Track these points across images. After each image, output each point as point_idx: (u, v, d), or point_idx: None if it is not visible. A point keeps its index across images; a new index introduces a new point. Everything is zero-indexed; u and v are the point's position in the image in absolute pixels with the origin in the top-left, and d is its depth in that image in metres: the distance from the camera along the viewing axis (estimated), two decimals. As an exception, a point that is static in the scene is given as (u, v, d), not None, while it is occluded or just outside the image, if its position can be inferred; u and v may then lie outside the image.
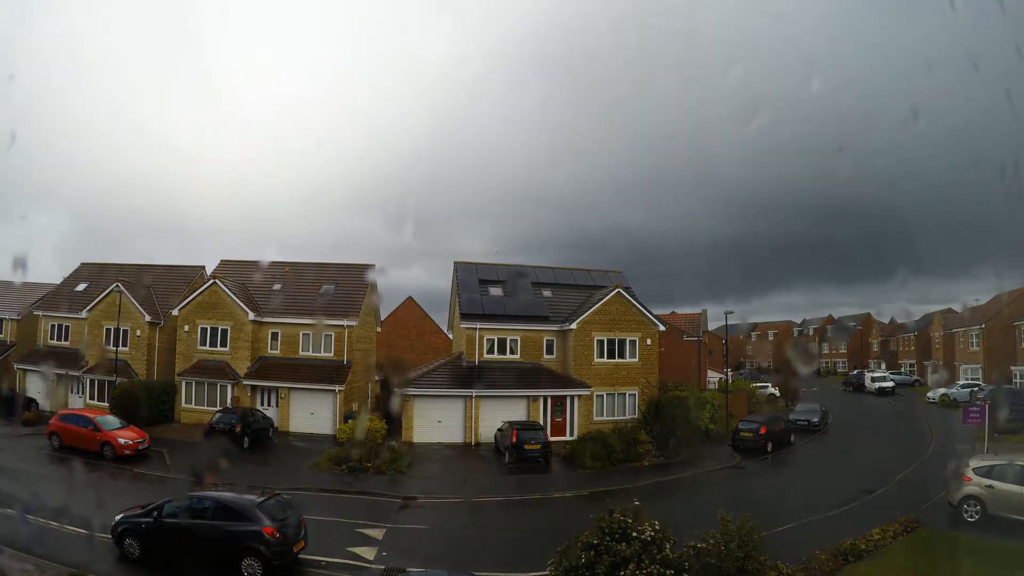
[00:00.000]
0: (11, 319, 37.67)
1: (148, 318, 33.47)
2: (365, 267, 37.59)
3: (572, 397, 30.89)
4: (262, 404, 31.70)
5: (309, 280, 36.18)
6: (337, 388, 30.95)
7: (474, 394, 29.78)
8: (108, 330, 33.24)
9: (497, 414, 29.40)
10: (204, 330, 32.44)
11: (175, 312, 32.86)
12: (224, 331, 32.30)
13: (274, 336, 33.19)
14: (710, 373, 47.71)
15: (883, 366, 68.72)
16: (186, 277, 37.74)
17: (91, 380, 32.69)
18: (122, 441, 23.57)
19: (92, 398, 32.39)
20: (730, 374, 46.92)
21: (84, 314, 33.90)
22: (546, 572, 11.67)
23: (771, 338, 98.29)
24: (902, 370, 66.53)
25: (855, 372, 63.77)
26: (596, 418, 31.09)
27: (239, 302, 32.20)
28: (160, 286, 36.65)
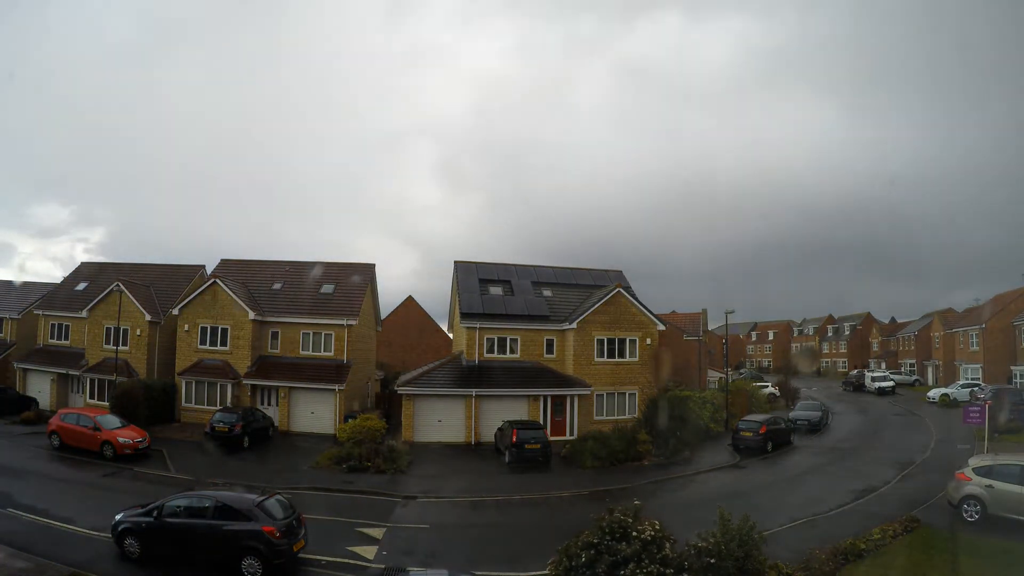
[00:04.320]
0: (11, 318, 37.64)
1: (148, 317, 33.43)
2: (365, 266, 37.63)
3: (572, 397, 30.88)
4: (262, 403, 31.70)
5: (309, 280, 36.16)
6: (337, 387, 30.92)
7: (474, 393, 29.76)
8: (108, 329, 33.24)
9: (497, 413, 29.39)
10: (204, 329, 32.43)
11: (175, 311, 32.86)
12: (224, 330, 32.30)
13: (274, 335, 33.20)
14: (710, 372, 47.72)
15: (883, 366, 68.71)
16: (186, 276, 37.74)
17: (91, 379, 32.68)
18: (122, 440, 23.55)
19: (92, 397, 32.38)
20: (730, 374, 46.91)
21: (84, 313, 33.88)
22: (546, 571, 11.66)
23: (771, 338, 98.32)
24: (902, 370, 66.52)
25: (855, 372, 63.73)
26: (596, 417, 31.09)
27: (239, 301, 32.18)
28: (160, 285, 36.65)
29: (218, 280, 32.72)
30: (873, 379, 54.08)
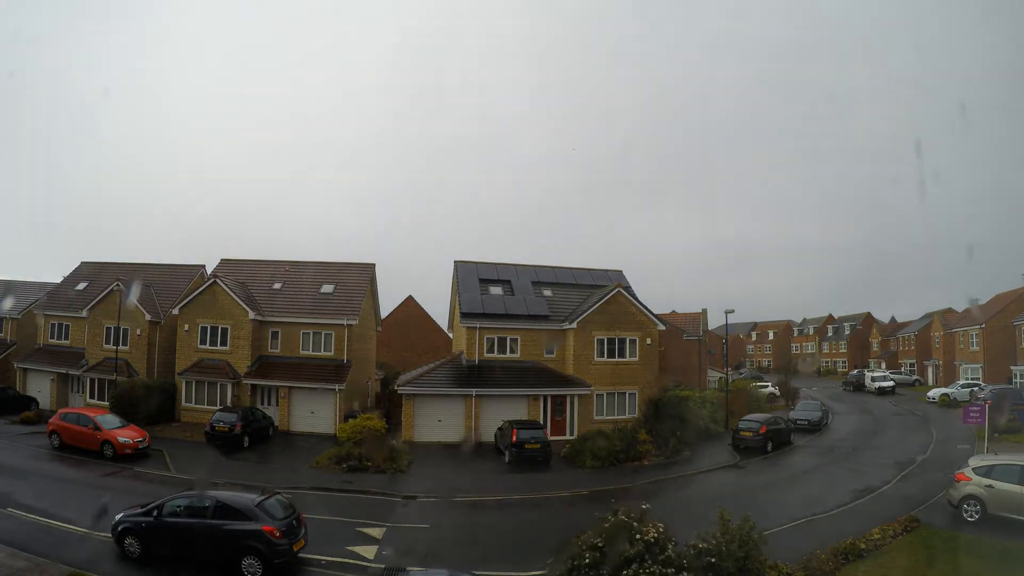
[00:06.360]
0: (11, 318, 37.63)
1: (148, 317, 33.44)
2: (365, 266, 37.63)
3: (572, 396, 30.88)
4: (262, 403, 31.70)
5: (309, 279, 36.17)
6: (337, 387, 30.91)
7: (474, 393, 29.76)
8: (108, 329, 33.24)
9: (497, 413, 29.39)
10: (204, 329, 32.42)
11: (175, 311, 32.86)
12: (224, 330, 32.30)
13: (274, 335, 33.19)
14: (710, 372, 47.73)
15: (883, 366, 68.72)
16: (186, 276, 37.74)
17: (91, 379, 32.68)
18: (122, 440, 23.54)
19: (92, 397, 32.39)
20: (730, 373, 46.92)
21: (84, 313, 33.88)
22: (546, 571, 11.66)
23: (771, 338, 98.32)
24: (902, 370, 66.53)
25: (855, 372, 63.75)
26: (596, 417, 31.08)
27: (239, 301, 32.19)
28: (160, 285, 36.65)
29: (218, 280, 32.72)
30: (873, 379, 54.06)
